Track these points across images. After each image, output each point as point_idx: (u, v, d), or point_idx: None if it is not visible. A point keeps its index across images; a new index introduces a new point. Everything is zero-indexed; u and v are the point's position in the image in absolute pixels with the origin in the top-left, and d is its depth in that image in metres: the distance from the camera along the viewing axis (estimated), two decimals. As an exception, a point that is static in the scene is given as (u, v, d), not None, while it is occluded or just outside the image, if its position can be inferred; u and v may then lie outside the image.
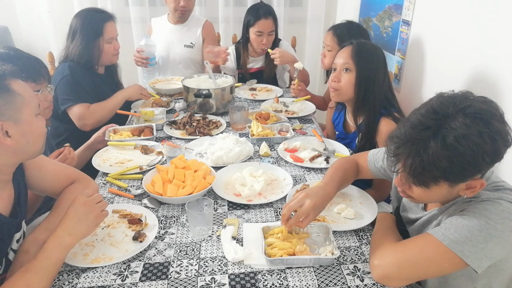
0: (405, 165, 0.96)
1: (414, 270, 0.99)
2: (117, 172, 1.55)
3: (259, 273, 1.08)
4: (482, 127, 0.88)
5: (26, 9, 3.23)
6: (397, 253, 1.01)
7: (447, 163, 0.89)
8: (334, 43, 2.06)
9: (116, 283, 1.05)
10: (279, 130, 1.92)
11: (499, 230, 0.93)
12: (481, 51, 1.51)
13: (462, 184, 0.97)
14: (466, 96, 0.96)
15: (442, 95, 0.98)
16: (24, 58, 1.50)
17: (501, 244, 0.94)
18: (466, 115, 0.90)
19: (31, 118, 1.05)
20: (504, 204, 0.97)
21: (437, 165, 0.90)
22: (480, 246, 0.93)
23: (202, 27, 2.70)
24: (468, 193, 0.99)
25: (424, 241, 1.00)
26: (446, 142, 0.88)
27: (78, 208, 1.05)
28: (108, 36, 2.06)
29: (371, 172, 1.36)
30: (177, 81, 2.54)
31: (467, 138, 0.88)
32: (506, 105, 1.40)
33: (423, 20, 1.96)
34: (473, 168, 0.92)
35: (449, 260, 0.95)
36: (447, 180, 0.94)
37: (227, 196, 1.40)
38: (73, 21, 2.05)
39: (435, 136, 0.90)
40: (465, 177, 0.94)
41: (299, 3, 3.37)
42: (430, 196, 1.01)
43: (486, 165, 0.93)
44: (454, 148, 0.88)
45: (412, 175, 0.96)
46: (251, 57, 2.67)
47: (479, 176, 0.97)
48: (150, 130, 1.89)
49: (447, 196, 1.03)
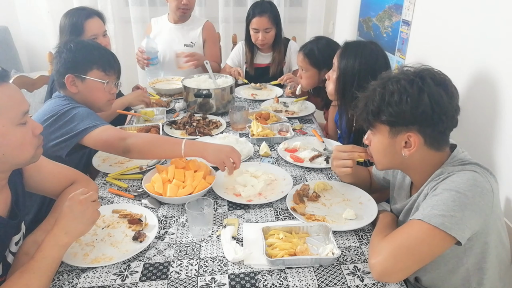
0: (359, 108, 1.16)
1: (409, 257, 1.01)
2: (117, 172, 1.55)
3: (259, 273, 1.08)
4: (416, 79, 1.06)
5: (26, 9, 3.23)
6: (389, 244, 1.04)
7: (380, 99, 1.08)
8: (306, 64, 2.11)
9: (116, 283, 1.05)
10: (279, 130, 1.92)
11: (470, 197, 1.00)
12: (481, 51, 1.51)
13: (400, 138, 1.09)
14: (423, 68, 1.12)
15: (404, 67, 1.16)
16: (102, 50, 1.60)
17: (475, 211, 1.00)
18: (405, 73, 1.10)
19: (6, 129, 0.97)
20: (468, 173, 1.05)
21: (374, 100, 1.10)
22: (458, 215, 0.99)
23: (202, 27, 2.71)
24: (406, 152, 1.10)
25: (409, 226, 1.05)
26: (385, 85, 1.09)
27: (73, 206, 1.04)
28: (90, 33, 2.00)
29: (375, 179, 1.48)
30: (177, 81, 2.55)
31: (399, 82, 1.07)
32: (506, 105, 1.40)
33: (423, 20, 1.96)
34: (398, 107, 1.05)
35: (435, 236, 0.99)
36: (381, 120, 1.10)
37: (227, 196, 1.40)
38: (61, 21, 2.03)
39: (383, 84, 1.10)
40: (392, 117, 1.07)
41: (299, 3, 3.38)
42: (377, 146, 1.16)
43: (408, 109, 1.04)
44: (387, 88, 1.08)
45: (362, 114, 1.14)
46: (259, 53, 2.71)
47: (415, 132, 1.07)
48: (157, 130, 1.89)
49: (393, 152, 1.13)
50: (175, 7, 2.57)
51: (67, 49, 1.52)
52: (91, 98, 1.57)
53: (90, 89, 1.55)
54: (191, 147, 1.41)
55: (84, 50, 1.54)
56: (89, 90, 1.55)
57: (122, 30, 3.26)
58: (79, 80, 1.53)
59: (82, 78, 1.52)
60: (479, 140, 1.52)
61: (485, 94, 1.49)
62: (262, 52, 2.72)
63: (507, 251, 1.17)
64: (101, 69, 1.55)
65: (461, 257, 1.11)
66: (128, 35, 3.23)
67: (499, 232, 1.12)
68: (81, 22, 1.99)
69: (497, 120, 1.44)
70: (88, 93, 1.55)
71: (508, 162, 1.40)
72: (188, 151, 1.40)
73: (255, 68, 2.73)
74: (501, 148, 1.43)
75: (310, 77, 2.13)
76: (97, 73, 1.54)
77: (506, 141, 1.41)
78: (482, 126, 1.50)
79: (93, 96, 1.57)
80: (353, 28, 2.90)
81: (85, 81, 1.53)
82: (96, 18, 2.04)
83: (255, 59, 2.73)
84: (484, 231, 1.06)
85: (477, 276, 1.13)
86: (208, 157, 1.41)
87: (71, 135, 1.42)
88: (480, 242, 1.08)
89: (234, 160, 1.40)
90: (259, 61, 2.74)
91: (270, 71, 2.69)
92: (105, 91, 1.58)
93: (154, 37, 2.73)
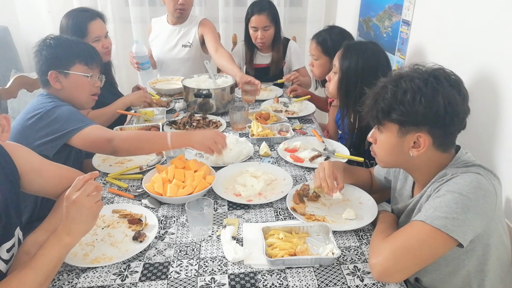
0: (368, 105, 1.13)
1: (409, 258, 1.01)
2: (117, 172, 1.55)
3: (259, 273, 1.08)
4: (430, 78, 1.04)
5: (26, 9, 3.23)
6: (390, 244, 1.03)
7: (392, 98, 1.06)
8: (318, 52, 2.11)
9: (116, 283, 1.05)
10: (279, 130, 1.92)
11: (473, 200, 0.99)
12: (481, 51, 1.51)
13: (409, 138, 1.07)
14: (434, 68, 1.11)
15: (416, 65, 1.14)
16: (81, 44, 1.61)
17: (478, 213, 1.00)
18: (419, 71, 1.08)
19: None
20: (471, 175, 1.04)
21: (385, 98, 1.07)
22: (461, 218, 0.98)
23: (198, 26, 2.68)
24: (414, 152, 1.08)
25: (411, 227, 1.04)
26: (398, 83, 1.07)
27: (69, 207, 1.02)
28: (93, 35, 2.01)
29: (376, 180, 1.47)
30: (177, 81, 2.55)
31: (413, 80, 1.05)
32: (506, 105, 1.40)
33: (423, 20, 1.96)
34: (411, 107, 1.03)
35: (437, 238, 0.98)
36: (392, 119, 1.07)
37: (227, 196, 1.40)
38: (62, 22, 2.03)
39: (395, 81, 1.08)
40: (404, 116, 1.04)
41: (299, 3, 3.37)
42: (384, 145, 1.14)
43: (422, 109, 1.02)
44: (400, 86, 1.05)
45: (371, 112, 1.12)
46: (259, 53, 2.71)
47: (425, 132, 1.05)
48: (157, 130, 1.89)
49: (399, 152, 1.11)
50: (172, 7, 2.57)
51: (47, 46, 1.52)
52: (76, 93, 1.58)
53: (74, 84, 1.55)
54: (177, 138, 1.45)
55: (64, 45, 1.55)
56: (73, 85, 1.55)
57: (122, 30, 3.26)
58: (63, 76, 1.53)
59: (65, 74, 1.53)
60: (479, 140, 1.52)
61: (485, 94, 1.48)
62: (262, 52, 2.72)
63: (508, 253, 1.17)
64: (83, 63, 1.55)
65: (462, 259, 1.10)
66: (128, 35, 3.23)
67: (500, 233, 1.11)
68: (84, 24, 2.00)
69: (497, 120, 1.44)
70: (73, 88, 1.56)
71: (509, 162, 1.40)
72: (174, 143, 1.45)
73: (255, 68, 2.73)
74: (502, 148, 1.43)
75: (322, 65, 2.13)
76: (80, 67, 1.55)
77: (506, 141, 1.41)
78: (482, 126, 1.50)
79: (78, 90, 1.58)
80: (353, 28, 2.89)
81: (69, 76, 1.54)
82: (99, 20, 2.05)
83: (255, 59, 2.73)
84: (486, 233, 1.06)
85: (478, 278, 1.12)
86: (194, 145, 1.48)
87: (58, 135, 1.42)
88: (482, 244, 1.07)
89: (219, 142, 1.46)
90: (259, 61, 2.74)
91: (270, 72, 2.69)
92: (90, 84, 1.59)
93: (153, 38, 2.74)
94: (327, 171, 1.32)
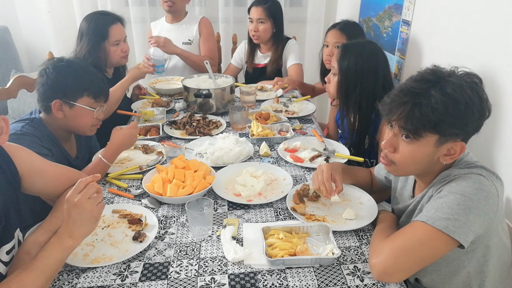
0: (403, 112, 1.01)
1: (410, 258, 1.00)
2: (117, 172, 1.55)
3: (259, 273, 1.08)
4: (473, 85, 1.00)
5: (26, 9, 3.23)
6: (390, 244, 1.03)
7: (443, 109, 0.97)
8: (343, 40, 2.09)
9: (116, 283, 1.05)
10: (279, 130, 1.92)
11: (475, 201, 0.99)
12: (481, 51, 1.51)
13: (445, 147, 1.03)
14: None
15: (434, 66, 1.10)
16: (93, 74, 1.53)
17: (480, 215, 0.99)
18: (458, 76, 1.03)
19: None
20: (474, 177, 1.03)
21: (433, 109, 0.97)
22: (462, 219, 0.97)
23: (198, 24, 2.74)
24: (447, 160, 1.05)
25: (412, 227, 1.04)
26: (444, 90, 0.98)
27: (70, 210, 1.01)
28: (114, 38, 2.08)
29: (377, 179, 1.47)
30: (177, 81, 2.55)
31: (462, 89, 0.98)
32: (506, 105, 1.40)
33: (423, 20, 1.96)
34: (463, 119, 0.98)
35: (438, 239, 0.98)
36: (437, 131, 1.00)
37: (227, 196, 1.40)
38: (81, 24, 2.08)
39: (435, 86, 0.99)
40: (454, 129, 0.99)
41: (299, 3, 3.37)
42: (414, 156, 1.05)
43: (472, 121, 1.00)
44: (451, 95, 0.97)
45: (409, 121, 1.00)
46: (259, 53, 2.72)
47: (460, 139, 1.03)
48: (156, 130, 1.89)
49: (429, 161, 1.06)
50: (162, 1, 2.63)
51: (56, 71, 1.45)
52: (76, 123, 1.53)
53: (77, 115, 1.50)
54: (109, 153, 1.51)
55: (74, 74, 1.47)
56: (76, 116, 1.50)
57: (122, 30, 3.25)
58: (67, 106, 1.47)
59: (71, 105, 1.47)
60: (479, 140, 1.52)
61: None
62: (262, 52, 2.72)
63: (508, 253, 1.17)
64: (91, 96, 1.50)
65: (462, 260, 1.10)
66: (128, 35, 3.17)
67: (501, 234, 1.11)
68: (105, 27, 2.06)
69: (497, 120, 1.44)
70: (75, 119, 1.50)
71: (509, 162, 1.40)
72: (109, 158, 1.50)
73: (254, 68, 2.74)
74: (502, 148, 1.43)
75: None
76: (87, 100, 1.50)
77: (506, 141, 1.41)
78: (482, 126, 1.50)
79: (80, 122, 1.52)
80: (353, 28, 2.89)
81: (74, 108, 1.48)
82: (119, 24, 2.13)
83: (255, 58, 2.73)
84: (487, 235, 1.06)
85: (478, 279, 1.12)
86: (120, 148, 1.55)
87: None
88: (482, 245, 1.07)
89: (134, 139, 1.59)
90: (258, 61, 2.75)
91: (266, 71, 2.69)
92: (93, 118, 1.54)
93: None
94: (325, 174, 1.31)
